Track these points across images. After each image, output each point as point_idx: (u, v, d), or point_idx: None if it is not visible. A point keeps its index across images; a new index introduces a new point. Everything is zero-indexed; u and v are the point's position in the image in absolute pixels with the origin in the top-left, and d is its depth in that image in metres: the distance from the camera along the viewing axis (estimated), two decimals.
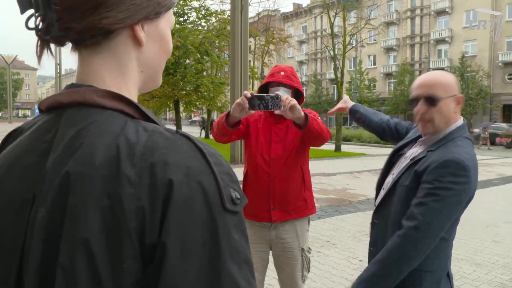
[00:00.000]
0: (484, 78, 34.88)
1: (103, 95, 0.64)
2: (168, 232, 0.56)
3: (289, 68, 2.56)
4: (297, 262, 2.51)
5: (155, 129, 0.62)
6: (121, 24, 0.65)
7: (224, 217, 0.59)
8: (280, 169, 2.44)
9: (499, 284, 4.16)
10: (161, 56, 0.74)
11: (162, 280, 0.56)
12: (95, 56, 0.67)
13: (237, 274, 0.59)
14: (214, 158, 0.62)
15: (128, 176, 0.57)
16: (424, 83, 1.72)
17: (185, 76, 23.44)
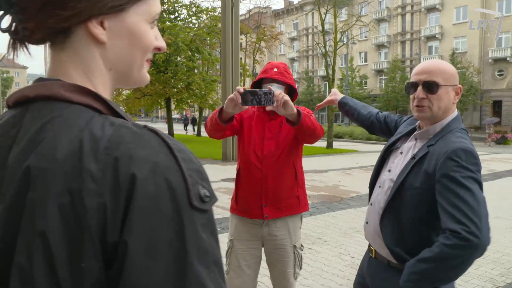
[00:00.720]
0: (475, 75, 35.13)
1: (70, 89, 0.62)
2: (130, 230, 0.53)
3: (282, 65, 2.55)
4: (289, 259, 2.51)
5: (122, 123, 0.60)
6: (67, 23, 0.62)
7: (192, 215, 0.57)
8: (272, 166, 2.43)
9: (489, 279, 4.19)
10: (134, 53, 0.70)
11: (124, 280, 0.53)
12: (61, 53, 0.65)
13: (204, 276, 0.56)
14: (183, 154, 0.60)
15: (91, 172, 0.54)
16: (424, 69, 1.68)
17: (176, 74, 23.33)
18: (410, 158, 1.68)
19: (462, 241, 1.41)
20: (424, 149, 1.64)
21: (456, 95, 1.69)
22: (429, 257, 1.48)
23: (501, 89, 39.57)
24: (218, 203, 7.55)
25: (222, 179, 10.35)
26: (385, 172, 1.83)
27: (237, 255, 2.51)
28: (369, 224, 1.86)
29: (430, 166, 1.57)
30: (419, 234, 1.63)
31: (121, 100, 25.86)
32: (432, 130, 1.69)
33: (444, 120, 1.69)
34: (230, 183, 9.68)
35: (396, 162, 1.79)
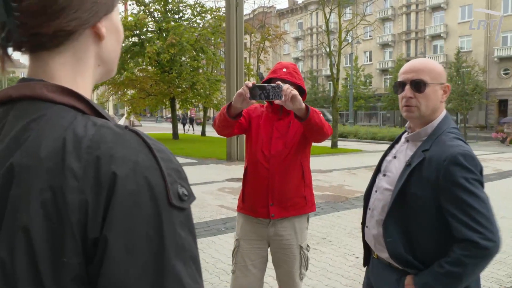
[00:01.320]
0: (480, 74, 34.86)
1: (53, 89, 0.63)
2: (111, 226, 0.55)
3: (291, 65, 2.55)
4: (295, 260, 2.51)
5: (104, 124, 0.62)
6: (88, 24, 0.66)
7: (170, 213, 0.59)
8: (279, 165, 2.43)
9: (495, 280, 4.16)
10: (118, 47, 0.75)
11: (103, 275, 0.55)
12: (55, 56, 0.66)
13: (182, 271, 0.59)
14: (163, 154, 0.62)
15: (73, 169, 0.56)
16: (411, 68, 1.67)
17: (181, 74, 23.37)
18: (406, 165, 1.66)
19: (483, 250, 1.45)
20: (420, 155, 1.62)
21: (444, 93, 1.68)
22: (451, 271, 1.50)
23: (506, 88, 39.34)
24: (223, 203, 7.56)
25: (227, 179, 10.35)
26: (380, 176, 1.83)
27: (243, 255, 2.51)
28: (369, 229, 1.86)
29: (431, 174, 1.56)
30: (428, 241, 1.62)
31: (126, 100, 25.95)
32: (423, 132, 1.68)
33: (434, 121, 1.68)
34: (235, 183, 9.67)
35: (390, 166, 1.78)
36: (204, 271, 4.31)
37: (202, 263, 4.03)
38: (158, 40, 23.12)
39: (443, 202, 1.53)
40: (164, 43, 21.94)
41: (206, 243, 5.25)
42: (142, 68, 25.00)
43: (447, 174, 1.51)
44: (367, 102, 46.19)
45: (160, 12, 24.91)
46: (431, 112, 1.67)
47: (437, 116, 1.68)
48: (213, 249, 4.99)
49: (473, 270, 1.49)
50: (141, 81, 23.74)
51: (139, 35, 23.83)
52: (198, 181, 10.06)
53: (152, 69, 24.48)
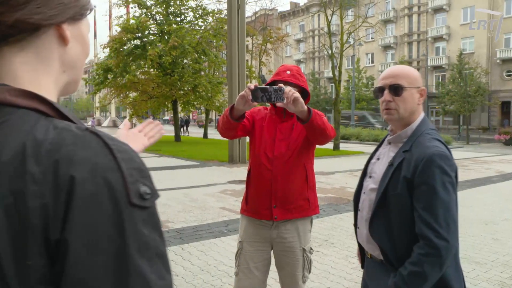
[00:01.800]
0: (482, 75, 34.80)
1: (16, 94, 0.63)
2: (71, 228, 0.56)
3: (295, 67, 2.55)
4: (298, 262, 2.50)
5: (65, 126, 0.63)
6: (51, 21, 0.66)
7: (131, 212, 0.59)
8: (282, 167, 2.43)
9: (498, 283, 4.14)
10: (82, 58, 0.76)
11: (66, 276, 0.56)
12: (17, 53, 0.66)
13: (146, 269, 0.59)
14: (124, 155, 0.62)
15: (33, 174, 0.57)
16: (389, 74, 1.78)
17: (183, 76, 23.41)
18: (389, 165, 1.74)
19: (435, 248, 1.54)
20: (400, 155, 1.71)
21: (420, 96, 1.78)
22: (412, 271, 1.59)
23: (509, 90, 39.23)
24: (225, 205, 7.56)
25: (229, 181, 10.35)
26: (367, 178, 1.92)
27: (246, 257, 2.51)
28: (360, 229, 1.94)
29: (408, 172, 1.64)
30: (409, 239, 1.67)
31: (128, 103, 25.99)
32: (404, 134, 1.77)
33: (414, 123, 1.77)
34: (237, 185, 9.67)
35: (375, 168, 1.87)
36: (206, 273, 4.31)
37: (204, 265, 4.00)
38: (160, 42, 23.18)
39: (414, 199, 1.63)
40: (166, 46, 22.00)
41: (208, 245, 5.25)
42: (144, 71, 25.05)
43: (421, 172, 1.60)
44: (369, 104, 46.14)
45: (162, 15, 24.99)
46: (409, 114, 1.76)
47: (416, 118, 1.78)
48: (215, 251, 4.99)
49: (432, 269, 1.56)
50: (143, 83, 23.79)
51: (141, 37, 23.90)
52: (200, 183, 10.06)
53: (154, 71, 24.54)
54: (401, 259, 1.68)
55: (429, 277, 1.57)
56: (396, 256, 1.70)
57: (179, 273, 4.29)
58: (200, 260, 4.70)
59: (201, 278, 4.17)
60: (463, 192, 9.21)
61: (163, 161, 15.10)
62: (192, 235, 5.72)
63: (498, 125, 38.00)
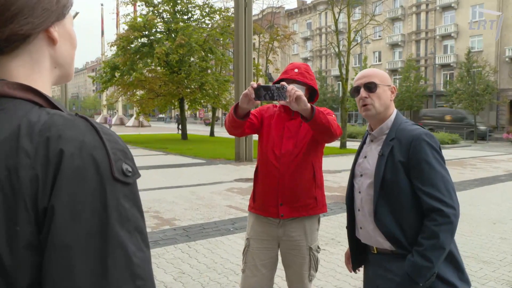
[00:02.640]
0: (491, 74, 34.50)
1: (13, 86, 0.71)
2: (58, 196, 0.63)
3: (303, 66, 2.53)
4: (304, 261, 2.49)
5: (57, 112, 0.70)
6: (39, 28, 0.73)
7: (114, 186, 0.66)
8: (289, 165, 2.42)
9: (506, 282, 4.11)
10: (72, 51, 0.84)
11: (51, 239, 0.62)
12: (13, 59, 0.74)
13: (126, 239, 0.65)
14: (109, 137, 0.69)
15: (26, 149, 0.64)
16: (362, 75, 1.97)
17: (190, 74, 23.44)
18: (379, 156, 1.85)
19: (447, 216, 1.68)
20: (388, 144, 1.84)
21: (391, 93, 1.97)
22: (430, 244, 1.68)
23: None
24: (232, 203, 7.57)
25: (235, 179, 10.36)
26: (358, 178, 2.00)
27: (253, 254, 2.51)
28: (364, 229, 1.95)
29: (401, 156, 1.78)
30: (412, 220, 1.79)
31: (135, 101, 26.08)
32: (385, 126, 1.93)
33: (391, 117, 1.94)
34: (243, 183, 9.68)
35: (364, 165, 1.96)
36: (212, 271, 4.32)
37: (211, 263, 4.00)
38: (167, 40, 23.22)
39: (413, 178, 1.77)
40: (173, 44, 22.04)
41: (215, 243, 5.26)
42: (151, 69, 25.12)
43: (415, 151, 1.75)
44: None
45: (169, 13, 25.02)
46: (384, 109, 1.93)
47: (391, 113, 1.95)
48: (222, 249, 5.00)
49: (447, 236, 1.69)
50: (150, 81, 23.86)
51: (148, 36, 23.96)
52: (206, 181, 10.08)
53: (161, 69, 24.59)
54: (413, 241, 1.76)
55: (446, 246, 1.69)
56: (407, 239, 1.78)
57: (186, 271, 4.30)
58: (207, 258, 4.71)
59: (208, 276, 4.19)
60: (471, 191, 9.16)
61: (170, 159, 15.15)
62: (198, 233, 5.74)
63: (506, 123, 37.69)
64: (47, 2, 0.74)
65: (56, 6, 0.76)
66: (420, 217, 1.77)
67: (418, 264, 1.68)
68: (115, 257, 0.63)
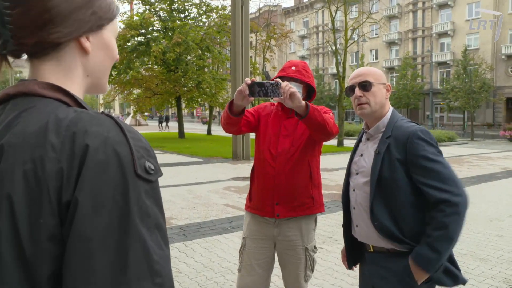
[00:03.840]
0: (487, 71, 34.55)
1: (44, 86, 0.74)
2: (81, 189, 0.64)
3: (301, 63, 2.50)
4: (300, 261, 2.47)
5: (84, 110, 0.72)
6: (67, 38, 0.75)
7: (136, 182, 0.67)
8: (286, 164, 2.39)
9: (503, 280, 4.12)
10: (107, 62, 0.85)
11: (73, 231, 0.63)
12: (45, 64, 0.77)
13: (146, 235, 0.66)
14: (133, 134, 0.71)
15: (52, 143, 0.66)
16: (358, 73, 1.95)
17: (187, 73, 23.40)
18: (376, 154, 1.85)
19: (455, 206, 1.67)
20: (384, 142, 1.84)
21: (386, 91, 1.95)
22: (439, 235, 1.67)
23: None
24: (229, 202, 7.56)
25: (233, 178, 10.35)
26: (354, 176, 1.99)
27: (249, 254, 2.49)
28: (360, 227, 1.95)
29: (398, 153, 1.78)
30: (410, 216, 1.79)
31: (132, 99, 26.01)
32: (381, 124, 1.92)
33: (386, 115, 1.93)
34: (240, 182, 9.67)
35: (361, 164, 1.95)
36: (209, 270, 4.31)
37: (207, 262, 3.98)
38: (163, 39, 23.17)
39: (414, 174, 1.76)
40: (170, 42, 21.99)
41: (212, 242, 5.25)
42: (148, 67, 25.06)
43: (412, 148, 1.75)
44: None
45: (165, 11, 24.96)
46: (380, 107, 1.92)
47: (387, 111, 1.94)
48: (219, 248, 4.99)
49: (456, 226, 1.67)
50: (147, 80, 23.80)
51: (144, 34, 23.89)
52: (204, 180, 10.07)
53: (158, 68, 24.53)
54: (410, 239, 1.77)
55: (455, 237, 1.68)
56: (405, 237, 1.78)
57: (183, 270, 4.29)
58: (204, 257, 4.70)
59: (204, 275, 4.17)
60: (467, 188, 9.09)
61: (167, 157, 15.13)
62: (195, 231, 5.72)
63: (503, 121, 37.79)
64: (82, 13, 0.76)
65: (90, 17, 0.77)
66: (418, 214, 1.78)
67: (426, 256, 1.68)
68: (135, 252, 0.64)
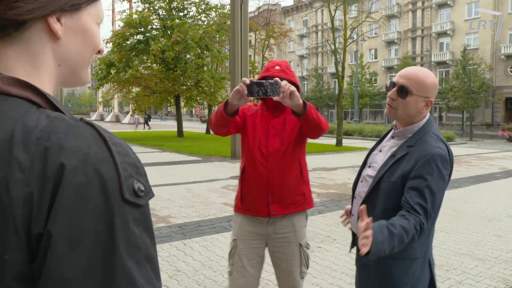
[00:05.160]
0: (486, 71, 34.60)
1: (9, 82, 0.60)
2: (55, 219, 0.52)
3: (284, 63, 2.52)
4: (294, 258, 2.48)
5: (58, 116, 0.59)
6: (30, 15, 0.61)
7: (123, 208, 0.56)
8: (278, 163, 2.41)
9: (501, 279, 4.12)
10: (84, 51, 0.70)
11: (46, 271, 0.52)
12: (8, 47, 0.63)
13: (134, 272, 0.55)
14: (119, 148, 0.59)
15: (19, 161, 0.53)
16: (405, 74, 1.80)
17: (186, 71, 23.38)
18: (390, 156, 1.82)
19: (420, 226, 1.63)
20: (404, 149, 1.77)
21: (425, 106, 1.79)
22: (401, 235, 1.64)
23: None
24: (227, 201, 7.55)
25: (231, 177, 10.34)
26: (366, 168, 1.99)
27: (241, 255, 2.49)
28: (354, 216, 1.98)
29: (408, 165, 1.72)
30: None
31: (131, 98, 25.98)
32: (409, 130, 1.82)
33: (420, 122, 1.82)
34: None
35: (376, 159, 1.94)
36: (208, 268, 4.30)
37: (206, 261, 3.97)
38: (162, 37, 23.13)
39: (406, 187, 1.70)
40: (169, 41, 21.96)
41: (210, 241, 5.24)
42: (147, 66, 25.02)
43: (420, 167, 1.68)
44: (372, 99, 46.03)
45: (164, 9, 24.93)
46: (407, 117, 1.81)
47: (419, 120, 1.82)
48: (218, 247, 4.99)
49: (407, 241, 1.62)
50: (146, 78, 23.77)
51: (143, 32, 23.85)
52: (202, 178, 10.06)
53: (157, 66, 24.51)
54: None
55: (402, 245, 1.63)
56: None
57: (181, 268, 4.29)
58: (202, 255, 4.70)
59: (203, 274, 4.17)
60: (466, 188, 9.18)
61: (166, 156, 15.11)
62: (194, 230, 5.72)
63: (502, 121, 37.82)
64: None
65: None
66: None
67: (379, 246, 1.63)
68: None
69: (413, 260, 1.78)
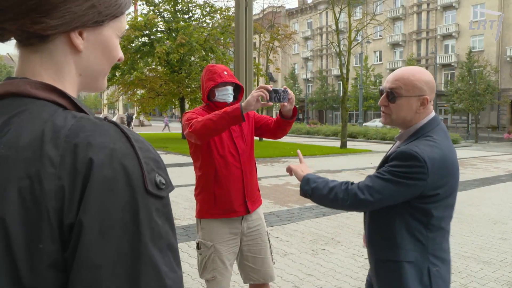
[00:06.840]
0: (492, 73, 34.48)
1: (37, 86, 0.65)
2: (86, 210, 0.56)
3: (225, 67, 2.66)
4: (267, 247, 2.67)
5: (84, 116, 0.64)
6: (53, 31, 0.66)
7: (146, 200, 0.60)
8: (246, 162, 2.59)
9: (507, 283, 4.10)
10: (104, 62, 0.75)
11: (77, 258, 0.56)
12: (33, 55, 0.68)
13: (158, 259, 0.60)
14: (141, 144, 0.64)
15: (50, 157, 0.58)
16: (391, 78, 1.76)
17: (190, 74, 23.43)
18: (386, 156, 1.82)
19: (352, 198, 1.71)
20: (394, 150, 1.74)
21: (421, 105, 1.70)
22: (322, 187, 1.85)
23: None
24: None
25: None
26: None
27: (222, 257, 2.53)
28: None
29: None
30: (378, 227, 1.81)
31: (136, 100, 26.07)
32: (407, 133, 1.78)
33: (417, 124, 1.74)
34: None
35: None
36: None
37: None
38: (167, 40, 23.20)
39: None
40: (174, 43, 22.02)
41: None
42: (152, 68, 25.10)
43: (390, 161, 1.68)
44: (376, 102, 45.95)
45: (169, 12, 25.00)
46: (403, 121, 1.75)
47: (417, 122, 1.74)
48: None
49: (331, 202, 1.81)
50: (151, 81, 23.85)
51: (148, 35, 23.94)
52: None
53: (162, 69, 24.57)
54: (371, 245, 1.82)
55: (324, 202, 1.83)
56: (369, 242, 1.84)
57: (185, 270, 4.29)
58: None
59: None
60: (471, 191, 9.14)
61: (170, 158, 15.15)
62: None
63: (507, 124, 37.64)
64: (76, 5, 0.66)
65: (87, 11, 0.67)
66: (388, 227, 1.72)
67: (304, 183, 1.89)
68: (147, 279, 0.58)
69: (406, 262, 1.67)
